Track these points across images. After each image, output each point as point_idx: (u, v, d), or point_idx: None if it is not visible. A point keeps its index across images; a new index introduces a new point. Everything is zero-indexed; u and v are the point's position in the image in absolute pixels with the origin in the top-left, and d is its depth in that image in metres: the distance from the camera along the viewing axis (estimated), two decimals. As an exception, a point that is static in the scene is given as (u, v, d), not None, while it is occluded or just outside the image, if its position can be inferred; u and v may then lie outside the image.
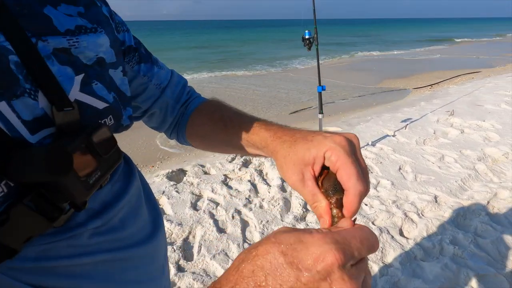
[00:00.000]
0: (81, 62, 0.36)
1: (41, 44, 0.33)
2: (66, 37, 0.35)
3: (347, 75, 8.53)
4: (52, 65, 0.33)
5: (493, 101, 4.86)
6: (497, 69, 9.00)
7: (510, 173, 2.70)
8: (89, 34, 0.38)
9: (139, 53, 0.51)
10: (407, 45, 17.70)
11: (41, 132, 0.32)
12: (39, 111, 0.32)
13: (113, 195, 0.41)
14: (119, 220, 0.41)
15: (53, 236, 0.33)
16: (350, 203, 0.33)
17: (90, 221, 0.37)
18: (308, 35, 2.50)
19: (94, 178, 0.33)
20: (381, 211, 2.19)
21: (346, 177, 0.34)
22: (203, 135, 0.56)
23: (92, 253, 0.37)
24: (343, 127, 3.91)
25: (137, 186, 0.47)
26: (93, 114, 0.37)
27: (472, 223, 2.06)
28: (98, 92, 0.38)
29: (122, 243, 0.40)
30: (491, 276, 1.65)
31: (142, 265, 0.43)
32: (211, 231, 2.00)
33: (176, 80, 0.58)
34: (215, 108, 0.55)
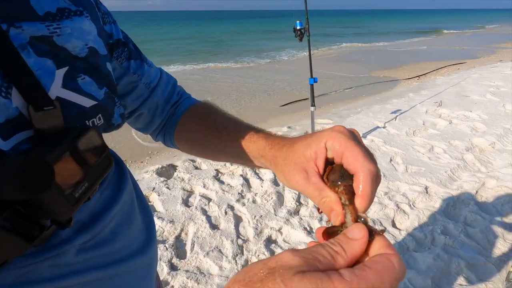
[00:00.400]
0: (67, 53, 0.31)
1: (14, 32, 0.28)
2: (45, 23, 0.30)
3: (335, 66, 8.54)
4: (28, 57, 0.28)
5: (479, 91, 4.96)
6: (481, 59, 9.19)
7: (497, 163, 2.77)
8: (73, 18, 0.33)
9: (128, 48, 0.46)
10: (394, 36, 17.84)
11: (16, 136, 0.27)
12: (13, 111, 0.27)
13: (103, 204, 0.37)
14: (110, 231, 0.36)
15: (34, 256, 0.29)
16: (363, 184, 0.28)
17: (77, 235, 0.32)
18: (300, 26, 2.44)
19: (80, 190, 0.28)
20: (373, 203, 2.20)
21: (352, 158, 0.29)
22: (194, 141, 0.51)
23: (79, 272, 0.32)
24: (334, 119, 3.91)
25: (129, 191, 0.42)
26: (78, 114, 0.32)
27: (462, 213, 2.09)
28: (84, 88, 0.33)
29: (113, 257, 0.36)
30: (481, 265, 1.68)
31: (136, 279, 0.39)
32: (203, 227, 1.97)
33: (166, 80, 0.54)
34: (207, 112, 0.51)
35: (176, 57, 10.74)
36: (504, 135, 3.30)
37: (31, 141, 0.28)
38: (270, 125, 4.06)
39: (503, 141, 3.18)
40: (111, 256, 0.36)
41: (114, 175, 0.41)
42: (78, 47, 0.33)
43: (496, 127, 3.47)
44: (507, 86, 5.23)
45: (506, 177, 2.47)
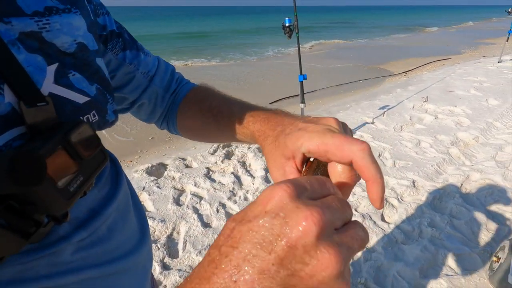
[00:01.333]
0: (55, 49, 0.31)
1: (3, 27, 0.27)
2: (34, 18, 0.29)
3: (325, 62, 8.59)
4: (19, 53, 0.28)
5: (463, 87, 5.09)
6: (465, 55, 9.43)
7: (480, 156, 2.86)
8: (62, 14, 0.32)
9: (123, 39, 0.45)
10: (381, 32, 18.07)
11: (9, 132, 0.27)
12: (5, 107, 0.26)
13: (100, 201, 0.37)
14: (107, 228, 0.37)
15: (31, 253, 0.28)
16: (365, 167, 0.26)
17: (74, 232, 0.32)
18: (288, 23, 2.45)
19: (75, 184, 0.28)
20: (363, 197, 2.24)
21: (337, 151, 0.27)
22: (193, 127, 0.52)
23: (76, 270, 0.32)
24: (323, 115, 3.94)
25: (125, 189, 0.42)
26: (72, 110, 0.32)
27: (448, 205, 2.16)
28: (76, 84, 0.33)
29: (110, 255, 0.36)
30: (466, 255, 1.74)
31: (130, 277, 0.39)
32: (195, 226, 1.96)
33: (164, 67, 0.53)
34: (202, 97, 0.51)
35: (162, 54, 10.59)
36: (487, 129, 3.41)
37: (24, 137, 0.28)
38: (260, 122, 4.06)
39: (486, 135, 3.28)
40: (107, 254, 0.36)
41: (110, 173, 0.41)
42: (67, 42, 0.32)
43: (480, 122, 3.58)
44: (490, 81, 5.39)
45: (489, 170, 2.56)
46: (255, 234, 0.19)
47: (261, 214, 0.20)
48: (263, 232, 0.19)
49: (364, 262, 1.70)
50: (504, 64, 6.94)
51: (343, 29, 21.13)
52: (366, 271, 1.64)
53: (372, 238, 1.86)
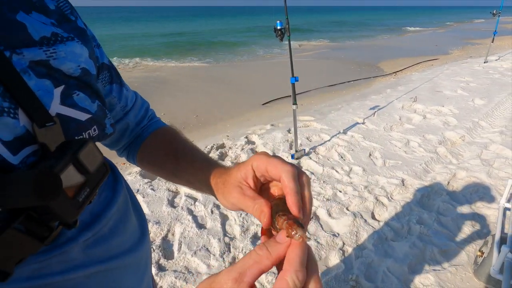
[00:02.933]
0: (62, 74, 0.35)
1: (16, 58, 0.31)
2: (42, 48, 0.33)
3: (316, 63, 8.68)
4: (29, 79, 0.31)
5: (450, 87, 5.22)
6: (453, 55, 9.64)
7: (466, 154, 2.95)
8: (66, 43, 0.36)
9: (110, 73, 0.49)
10: (371, 33, 18.30)
11: (23, 151, 0.30)
12: (20, 129, 0.30)
13: (102, 206, 0.41)
14: (108, 229, 0.41)
15: (45, 254, 0.33)
16: (286, 183, 0.32)
17: (80, 234, 0.36)
18: (280, 26, 2.48)
19: (83, 195, 0.32)
20: (354, 196, 2.30)
21: (272, 167, 0.34)
22: (154, 163, 0.55)
23: (84, 266, 0.36)
24: (316, 116, 4.00)
25: (123, 193, 0.47)
26: (76, 127, 0.36)
27: (435, 203, 2.23)
28: (80, 103, 0.37)
29: (112, 252, 0.40)
30: (452, 250, 1.81)
31: (132, 272, 0.43)
32: (190, 227, 1.99)
33: (140, 104, 0.58)
34: (170, 138, 0.55)
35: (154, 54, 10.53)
36: (473, 128, 3.52)
37: (37, 154, 0.31)
38: (253, 123, 4.10)
39: (472, 134, 3.39)
40: (109, 251, 0.40)
41: (109, 179, 0.45)
42: (72, 68, 0.36)
43: (466, 121, 3.69)
44: (476, 82, 5.55)
45: (474, 168, 2.65)
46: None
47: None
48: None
49: (355, 259, 1.75)
50: (489, 64, 7.14)
51: (333, 30, 21.32)
52: (357, 267, 1.69)
53: (363, 236, 1.92)
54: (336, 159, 2.85)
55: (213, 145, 3.11)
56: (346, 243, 1.86)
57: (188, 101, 5.49)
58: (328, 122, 3.72)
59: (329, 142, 3.18)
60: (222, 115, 4.75)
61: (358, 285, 1.60)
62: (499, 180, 2.46)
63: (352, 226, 1.99)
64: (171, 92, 6.07)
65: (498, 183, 2.42)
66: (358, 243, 1.87)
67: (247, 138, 3.32)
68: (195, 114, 4.78)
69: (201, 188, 0.47)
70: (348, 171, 2.67)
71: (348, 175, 2.60)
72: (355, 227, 1.98)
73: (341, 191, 2.39)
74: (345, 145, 3.11)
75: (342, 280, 1.62)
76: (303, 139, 3.25)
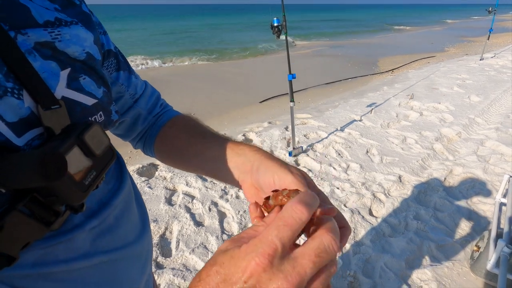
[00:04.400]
0: (67, 57, 0.34)
1: (21, 38, 0.30)
2: (47, 29, 0.33)
3: (313, 61, 8.68)
4: (35, 61, 0.31)
5: (446, 84, 5.25)
6: (449, 53, 9.69)
7: (463, 151, 2.97)
8: (71, 26, 0.35)
9: (117, 60, 0.48)
10: (368, 30, 18.34)
11: (28, 133, 0.30)
12: (25, 111, 0.30)
13: (109, 194, 0.41)
14: (114, 218, 0.40)
15: (51, 239, 0.32)
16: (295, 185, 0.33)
17: (87, 221, 0.36)
18: (277, 23, 2.48)
19: (89, 178, 0.31)
20: (351, 193, 2.30)
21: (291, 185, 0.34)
22: (175, 147, 0.52)
23: (89, 255, 0.36)
24: (313, 114, 4.01)
25: (128, 183, 0.46)
26: (82, 112, 0.35)
27: (432, 198, 2.24)
28: (86, 87, 0.36)
29: (117, 243, 0.40)
30: (449, 246, 1.83)
31: (134, 264, 0.44)
32: (188, 225, 1.98)
33: (150, 91, 0.57)
34: (194, 122, 0.54)
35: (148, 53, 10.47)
36: (469, 125, 3.54)
37: (42, 138, 0.31)
38: (251, 121, 4.09)
39: (468, 131, 3.41)
40: (114, 242, 0.40)
41: (115, 168, 0.45)
42: (77, 51, 0.35)
43: (462, 118, 3.71)
44: (472, 79, 5.58)
45: (470, 164, 2.67)
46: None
47: (240, 282, 0.23)
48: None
49: (353, 255, 1.76)
50: (485, 61, 7.18)
51: (330, 27, 21.33)
52: (355, 263, 1.69)
53: (360, 232, 1.93)
54: (334, 156, 2.86)
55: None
56: (344, 240, 1.87)
57: (184, 99, 5.47)
58: (325, 120, 3.72)
59: (327, 139, 3.18)
60: (219, 113, 4.74)
61: (356, 280, 1.61)
62: (495, 176, 2.48)
63: (350, 223, 2.00)
64: (166, 90, 6.04)
65: (494, 179, 2.44)
66: (355, 239, 1.88)
67: (245, 135, 3.32)
68: (191, 112, 4.77)
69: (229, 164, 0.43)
70: (346, 168, 2.68)
71: (346, 172, 2.60)
72: (352, 224, 1.99)
73: (338, 187, 2.39)
74: (342, 142, 3.11)
75: (340, 276, 1.63)
76: (301, 137, 3.25)
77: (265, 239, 0.24)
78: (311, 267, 0.24)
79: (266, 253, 0.23)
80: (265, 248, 0.23)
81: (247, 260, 0.24)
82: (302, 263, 0.24)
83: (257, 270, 0.23)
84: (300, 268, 0.23)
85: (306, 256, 0.24)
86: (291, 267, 0.23)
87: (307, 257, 0.24)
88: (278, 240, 0.24)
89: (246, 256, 0.24)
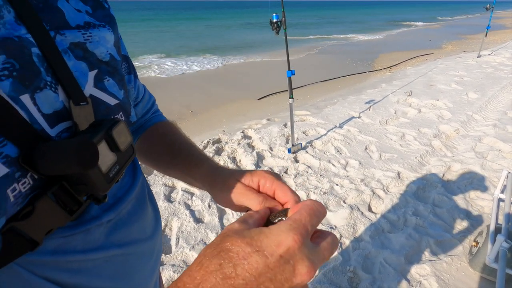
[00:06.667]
0: (95, 58, 0.37)
1: (59, 38, 0.33)
2: (81, 31, 0.36)
3: (312, 58, 8.67)
4: (69, 60, 0.34)
5: (444, 81, 5.26)
6: (447, 50, 9.71)
7: (461, 147, 2.98)
8: (99, 28, 0.39)
9: (128, 63, 0.50)
10: (366, 27, 18.32)
11: (59, 125, 0.32)
12: (59, 104, 0.32)
13: (123, 189, 0.43)
14: (127, 213, 0.42)
15: (71, 229, 0.34)
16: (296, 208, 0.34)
17: (104, 214, 0.38)
18: (276, 19, 2.46)
19: (113, 171, 0.33)
20: (351, 189, 2.31)
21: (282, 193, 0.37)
22: (151, 152, 0.56)
23: (104, 247, 0.38)
24: (311, 111, 4.00)
25: (142, 180, 0.48)
26: (106, 110, 0.38)
27: (431, 195, 2.25)
28: (109, 88, 0.39)
29: (131, 237, 0.42)
30: (448, 241, 1.84)
31: (145, 260, 0.45)
32: (188, 222, 1.98)
33: (147, 97, 0.60)
34: (168, 131, 0.57)
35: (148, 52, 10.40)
36: (467, 122, 3.55)
37: (70, 131, 0.33)
38: (249, 118, 4.09)
39: (466, 127, 3.43)
40: (128, 236, 0.41)
41: (129, 165, 0.47)
42: (103, 52, 0.38)
43: (460, 114, 3.73)
44: (470, 76, 5.60)
45: (468, 160, 2.68)
46: (270, 271, 0.24)
47: (275, 255, 0.25)
48: (276, 272, 0.24)
49: (353, 251, 1.76)
50: (483, 58, 7.21)
51: (329, 25, 21.29)
52: (354, 259, 1.70)
53: (359, 228, 1.93)
54: (333, 153, 2.86)
55: (209, 140, 3.09)
56: (343, 236, 1.88)
57: (182, 96, 5.45)
58: (324, 117, 3.72)
59: (325, 136, 3.19)
60: (217, 110, 4.73)
61: (355, 276, 1.62)
62: (492, 172, 2.49)
63: (349, 219, 2.01)
64: (165, 87, 6.01)
65: (491, 175, 2.45)
66: (355, 235, 1.89)
67: (244, 132, 3.31)
68: (190, 109, 4.75)
69: (194, 183, 0.49)
70: (345, 164, 2.68)
71: (345, 169, 2.61)
72: (352, 220, 2.00)
73: (338, 184, 2.40)
74: (341, 139, 3.12)
75: (340, 271, 1.63)
76: (300, 133, 3.25)
77: (299, 221, 0.27)
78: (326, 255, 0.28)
79: (301, 233, 0.26)
80: (300, 229, 0.26)
81: (283, 237, 0.25)
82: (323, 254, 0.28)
83: (294, 246, 0.25)
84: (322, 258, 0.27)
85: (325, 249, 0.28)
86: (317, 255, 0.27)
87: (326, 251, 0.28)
88: (310, 225, 0.27)
89: (281, 233, 0.26)
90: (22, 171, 0.27)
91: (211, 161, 0.48)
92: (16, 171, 0.27)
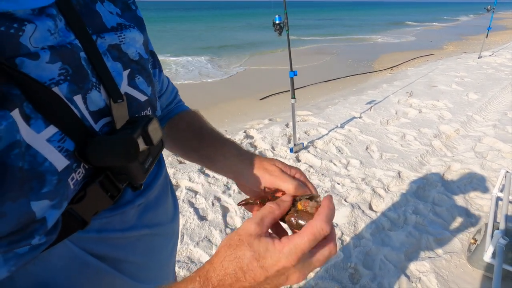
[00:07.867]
0: (128, 58, 0.41)
1: (100, 41, 0.37)
2: (116, 33, 0.39)
3: (314, 58, 8.70)
4: (108, 61, 0.37)
5: (445, 82, 5.29)
6: (448, 51, 9.72)
7: (461, 147, 3.02)
8: (130, 29, 0.42)
9: (154, 58, 0.54)
10: (367, 28, 18.34)
11: (101, 121, 0.36)
12: (102, 102, 0.36)
13: (150, 177, 0.47)
14: (154, 198, 0.47)
15: (111, 211, 0.39)
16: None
17: (136, 199, 0.43)
18: (279, 20, 2.50)
19: (148, 163, 0.38)
20: (352, 188, 2.35)
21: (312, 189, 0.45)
22: (178, 138, 0.60)
23: (137, 227, 0.43)
24: (313, 111, 4.04)
25: (165, 169, 0.53)
26: (137, 106, 0.42)
27: (430, 194, 2.29)
28: (140, 85, 0.42)
29: (157, 220, 0.47)
30: (447, 239, 1.87)
31: (168, 242, 0.50)
32: (192, 219, 2.02)
33: (171, 89, 0.63)
34: (196, 119, 0.62)
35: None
36: (467, 122, 3.59)
37: (109, 125, 0.37)
38: (251, 118, 4.13)
39: (466, 128, 3.46)
40: (155, 218, 0.46)
41: None
42: (134, 52, 0.42)
43: (460, 115, 3.76)
44: (470, 77, 5.62)
45: (468, 160, 2.71)
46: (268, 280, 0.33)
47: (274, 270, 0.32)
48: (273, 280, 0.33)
49: (354, 248, 1.80)
50: (483, 59, 7.22)
51: (331, 25, 21.30)
52: (355, 256, 1.74)
53: (360, 226, 1.97)
54: (334, 153, 2.90)
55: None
56: (344, 233, 1.91)
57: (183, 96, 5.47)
58: (325, 117, 3.76)
59: (327, 136, 3.22)
60: (219, 110, 4.77)
61: (356, 272, 1.66)
62: (492, 171, 2.52)
63: (350, 217, 2.04)
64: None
65: (491, 175, 2.48)
66: (356, 233, 1.92)
67: (246, 132, 3.35)
68: (192, 109, 4.78)
69: (218, 165, 0.52)
70: (346, 164, 2.72)
71: (346, 168, 2.64)
72: (353, 218, 2.03)
73: (339, 183, 2.43)
74: (342, 139, 3.15)
75: (341, 268, 1.67)
76: (301, 133, 3.29)
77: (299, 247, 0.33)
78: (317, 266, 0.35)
79: (297, 257, 0.32)
80: (298, 253, 0.32)
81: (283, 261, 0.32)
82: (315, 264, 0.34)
83: (290, 266, 0.32)
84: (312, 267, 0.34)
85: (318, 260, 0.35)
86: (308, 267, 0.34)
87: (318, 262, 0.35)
88: (307, 248, 0.33)
89: (282, 256, 0.32)
90: (77, 163, 0.32)
91: (239, 145, 0.54)
92: (73, 163, 0.31)
